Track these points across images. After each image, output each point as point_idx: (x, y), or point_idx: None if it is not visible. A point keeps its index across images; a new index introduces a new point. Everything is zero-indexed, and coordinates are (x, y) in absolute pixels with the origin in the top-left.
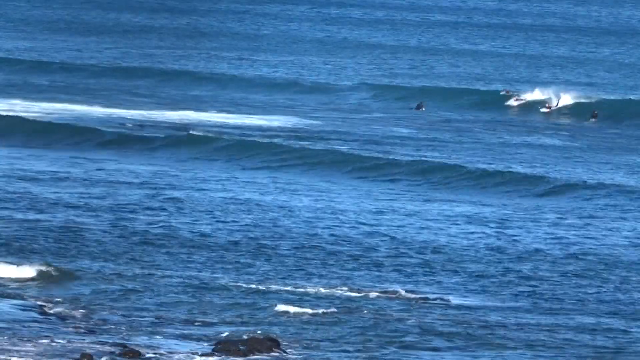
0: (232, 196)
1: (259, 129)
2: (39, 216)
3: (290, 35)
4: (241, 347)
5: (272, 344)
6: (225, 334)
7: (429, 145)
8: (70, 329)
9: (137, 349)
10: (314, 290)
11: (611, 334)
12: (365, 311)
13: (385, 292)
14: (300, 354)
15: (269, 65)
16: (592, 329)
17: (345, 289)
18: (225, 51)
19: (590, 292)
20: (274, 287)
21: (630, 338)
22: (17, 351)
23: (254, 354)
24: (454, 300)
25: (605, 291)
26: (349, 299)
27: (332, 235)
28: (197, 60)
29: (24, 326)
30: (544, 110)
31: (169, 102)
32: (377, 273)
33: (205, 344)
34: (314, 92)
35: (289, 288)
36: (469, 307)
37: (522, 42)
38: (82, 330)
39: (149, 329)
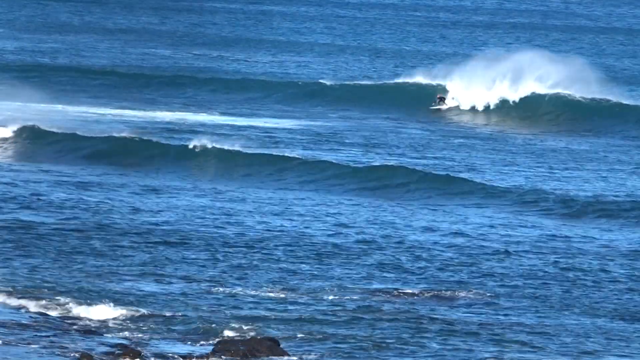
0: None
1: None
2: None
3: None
4: (241, 347)
5: (272, 344)
6: (225, 334)
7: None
8: (70, 328)
9: (137, 349)
10: (312, 291)
11: None
12: (366, 311)
13: (381, 291)
14: (300, 355)
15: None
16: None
17: (345, 289)
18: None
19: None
20: (272, 287)
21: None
22: (17, 351)
23: (254, 354)
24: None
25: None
26: (350, 299)
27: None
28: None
29: (22, 326)
30: (437, 107)
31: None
32: (371, 273)
33: (205, 343)
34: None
35: (287, 288)
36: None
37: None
38: (82, 330)
39: (149, 329)
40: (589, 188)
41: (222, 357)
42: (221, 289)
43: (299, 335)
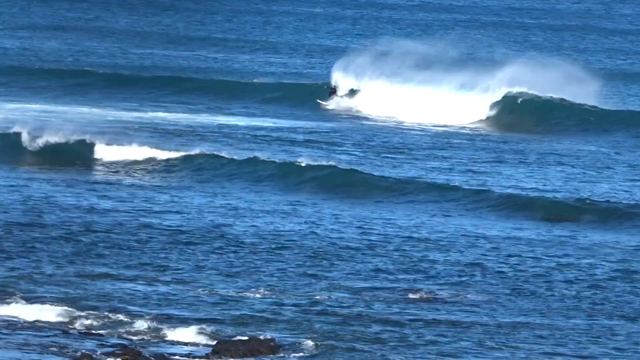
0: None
1: None
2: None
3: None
4: (241, 347)
5: (272, 344)
6: (225, 334)
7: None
8: (71, 329)
9: (137, 349)
10: (311, 292)
11: None
12: (366, 311)
13: (379, 292)
14: (301, 354)
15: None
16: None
17: (342, 290)
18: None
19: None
20: (271, 288)
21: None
22: (17, 352)
23: (254, 354)
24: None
25: None
26: (347, 299)
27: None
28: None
29: (23, 327)
30: (325, 101)
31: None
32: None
33: (205, 344)
34: None
35: (286, 289)
36: None
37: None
38: (82, 331)
39: (149, 329)
40: (539, 186)
41: (222, 357)
42: (220, 290)
43: (298, 335)
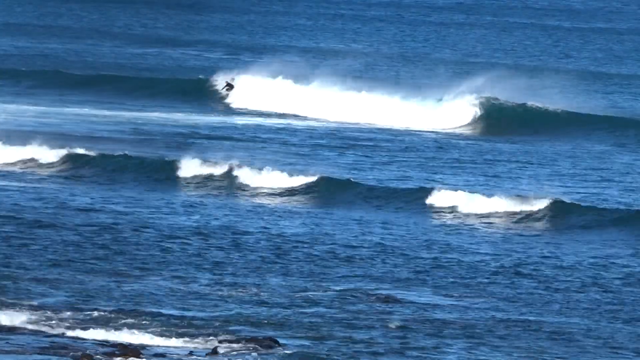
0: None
1: None
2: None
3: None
4: (240, 347)
5: (272, 343)
6: (225, 334)
7: None
8: (71, 329)
9: (137, 349)
10: (310, 293)
11: None
12: (368, 313)
13: (380, 294)
14: (300, 354)
15: None
16: None
17: (341, 292)
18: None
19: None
20: (270, 288)
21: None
22: (16, 351)
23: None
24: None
25: None
26: (346, 301)
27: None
28: None
29: (23, 328)
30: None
31: None
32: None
33: (205, 344)
34: None
35: (286, 290)
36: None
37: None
38: (82, 331)
39: (149, 329)
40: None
41: (222, 357)
42: (220, 290)
43: (298, 336)
